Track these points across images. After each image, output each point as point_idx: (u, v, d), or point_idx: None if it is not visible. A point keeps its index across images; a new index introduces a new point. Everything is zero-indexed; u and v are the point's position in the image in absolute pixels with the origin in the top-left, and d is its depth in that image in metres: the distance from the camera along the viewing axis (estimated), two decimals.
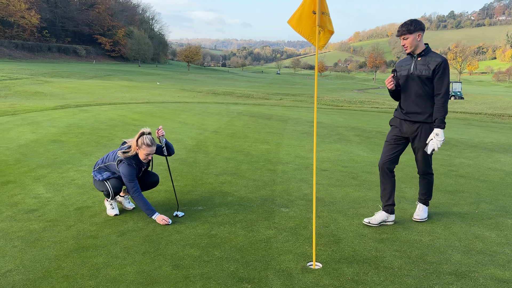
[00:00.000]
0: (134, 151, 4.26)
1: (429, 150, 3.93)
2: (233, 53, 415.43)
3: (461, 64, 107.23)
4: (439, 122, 3.87)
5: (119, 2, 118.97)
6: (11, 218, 4.20)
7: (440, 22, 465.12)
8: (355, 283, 3.04)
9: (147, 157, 4.29)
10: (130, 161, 4.26)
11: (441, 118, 3.87)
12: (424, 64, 3.92)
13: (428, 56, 3.94)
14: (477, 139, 10.59)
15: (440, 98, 3.89)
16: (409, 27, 3.86)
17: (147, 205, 4.17)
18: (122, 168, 4.23)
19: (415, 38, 3.90)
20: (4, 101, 19.15)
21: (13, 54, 74.93)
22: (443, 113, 3.87)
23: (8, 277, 3.06)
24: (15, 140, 8.15)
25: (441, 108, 3.88)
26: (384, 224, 4.22)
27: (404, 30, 3.89)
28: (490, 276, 3.18)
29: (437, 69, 3.85)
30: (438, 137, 3.85)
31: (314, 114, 3.67)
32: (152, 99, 23.28)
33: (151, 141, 4.22)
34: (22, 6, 78.98)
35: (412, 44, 3.92)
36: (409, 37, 3.90)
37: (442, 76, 3.86)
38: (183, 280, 3.05)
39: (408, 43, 3.92)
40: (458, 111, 23.50)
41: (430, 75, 3.88)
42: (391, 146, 4.20)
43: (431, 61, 3.89)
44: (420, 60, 3.96)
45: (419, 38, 3.91)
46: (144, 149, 4.21)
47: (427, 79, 3.91)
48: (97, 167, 4.49)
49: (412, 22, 3.89)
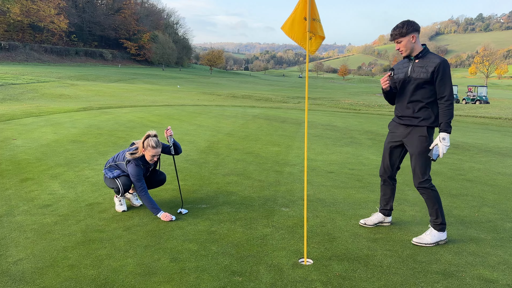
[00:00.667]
0: (140, 152, 4.49)
1: (434, 156, 3.69)
2: (255, 57, 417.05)
3: (488, 68, 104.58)
4: (445, 126, 3.69)
5: (144, 7, 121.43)
6: (26, 212, 4.49)
7: (468, 25, 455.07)
8: (342, 279, 3.16)
9: (153, 158, 4.51)
10: (138, 161, 4.50)
11: (446, 121, 3.69)
12: (422, 66, 3.76)
13: (426, 58, 3.78)
14: (492, 144, 10.45)
15: (445, 101, 3.71)
16: (401, 30, 3.73)
17: (152, 203, 4.40)
18: (130, 168, 4.47)
19: (409, 40, 3.75)
20: (31, 103, 19.93)
21: (42, 58, 77.46)
22: (448, 116, 3.69)
23: (19, 265, 3.31)
24: (37, 140, 8.55)
25: (446, 111, 3.70)
26: (380, 225, 4.30)
27: (396, 34, 3.77)
28: (478, 276, 3.24)
29: (435, 71, 3.69)
30: (445, 142, 3.65)
31: (305, 115, 3.80)
32: (172, 102, 23.75)
33: (156, 143, 4.44)
34: (51, 12, 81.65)
35: (407, 47, 3.78)
36: (402, 40, 3.76)
37: (442, 78, 3.69)
38: (178, 272, 3.23)
39: (402, 46, 3.78)
40: (478, 116, 23.03)
41: (429, 78, 3.72)
42: (388, 153, 4.11)
43: (429, 63, 3.73)
44: (417, 62, 3.81)
45: (414, 40, 3.76)
46: (150, 150, 4.44)
47: (425, 82, 3.75)
48: (108, 165, 4.75)
49: (404, 24, 3.75)
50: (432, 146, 3.73)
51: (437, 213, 3.87)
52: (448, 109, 3.70)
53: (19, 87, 28.05)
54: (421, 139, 3.81)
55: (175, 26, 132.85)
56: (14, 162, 6.61)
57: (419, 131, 3.83)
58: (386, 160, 4.14)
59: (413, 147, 3.85)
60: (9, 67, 51.80)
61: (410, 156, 3.92)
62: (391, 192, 4.22)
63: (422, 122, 3.82)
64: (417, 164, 3.85)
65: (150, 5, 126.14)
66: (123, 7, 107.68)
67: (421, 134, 3.81)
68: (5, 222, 4.19)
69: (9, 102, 21.07)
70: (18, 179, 5.71)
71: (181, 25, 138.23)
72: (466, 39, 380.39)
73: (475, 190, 5.78)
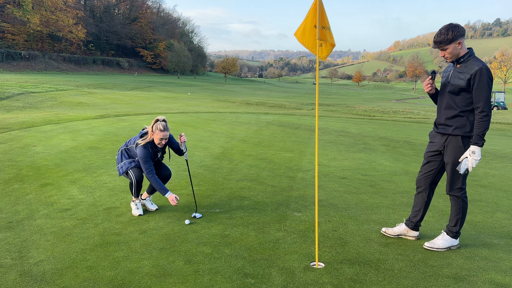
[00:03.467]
0: (150, 136, 4.69)
1: (462, 170, 3.54)
2: (270, 64, 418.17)
3: (506, 74, 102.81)
4: (477, 139, 3.48)
5: (160, 16, 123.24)
6: (46, 216, 4.64)
7: (485, 30, 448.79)
8: (353, 282, 3.20)
9: (161, 141, 4.67)
10: (146, 144, 4.70)
11: (478, 134, 3.48)
12: (462, 72, 3.54)
13: (468, 63, 3.54)
14: (508, 150, 10.32)
15: (479, 112, 3.48)
16: (446, 37, 3.48)
17: (160, 185, 4.63)
18: (138, 150, 4.68)
19: (455, 47, 3.52)
20: (50, 111, 20.41)
21: (60, 67, 79.12)
22: (482, 129, 3.47)
23: (40, 266, 3.44)
24: (56, 146, 8.78)
25: (480, 123, 3.48)
26: (403, 237, 4.11)
27: (441, 41, 3.52)
28: (489, 281, 3.25)
29: (472, 78, 3.46)
30: (474, 156, 3.47)
31: (316, 121, 3.87)
32: (187, 109, 24.02)
33: (163, 127, 4.61)
34: (70, 22, 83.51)
35: (452, 54, 3.56)
36: (448, 48, 3.53)
37: (479, 86, 3.45)
38: (193, 274, 3.32)
39: (448, 53, 3.56)
40: (494, 122, 22.70)
41: (464, 85, 3.51)
42: (426, 163, 3.94)
43: (468, 70, 3.50)
44: (458, 68, 3.60)
45: (460, 46, 3.52)
46: (158, 133, 4.62)
47: (461, 89, 3.55)
48: (120, 150, 4.97)
49: (449, 29, 3.49)
50: (461, 159, 3.57)
51: (457, 222, 3.82)
52: (482, 121, 3.48)
53: (38, 95, 28.74)
54: (456, 149, 3.65)
55: (190, 34, 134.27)
56: (34, 168, 6.82)
57: (455, 140, 3.66)
58: (423, 170, 3.98)
59: (447, 156, 3.73)
60: (29, 76, 53.06)
61: (445, 164, 3.79)
62: (421, 205, 4.01)
63: (455, 131, 3.64)
64: (451, 173, 3.73)
65: (166, 14, 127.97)
66: (140, 17, 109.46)
67: (457, 144, 3.65)
68: (26, 225, 4.35)
69: (29, 110, 21.62)
70: (38, 184, 5.90)
71: (196, 33, 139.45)
72: (483, 45, 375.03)
73: (489, 195, 5.75)
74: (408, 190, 5.94)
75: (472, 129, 3.59)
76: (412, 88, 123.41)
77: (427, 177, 3.94)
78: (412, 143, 11.01)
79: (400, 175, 6.99)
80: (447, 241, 3.84)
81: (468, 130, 3.60)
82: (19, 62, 70.17)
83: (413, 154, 9.24)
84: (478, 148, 3.49)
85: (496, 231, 4.35)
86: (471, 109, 3.59)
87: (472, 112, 3.59)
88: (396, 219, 4.69)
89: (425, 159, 3.98)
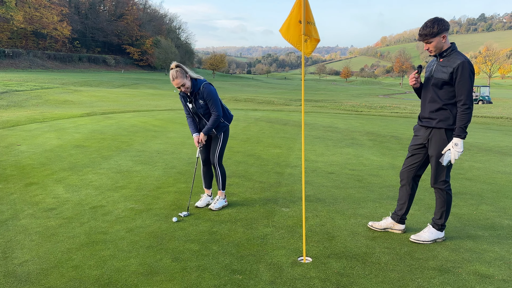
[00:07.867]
0: None
1: (444, 161, 3.61)
2: (258, 60, 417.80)
3: (491, 68, 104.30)
4: (459, 131, 3.56)
5: (147, 12, 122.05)
6: (31, 216, 4.57)
7: (470, 25, 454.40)
8: (340, 276, 3.22)
9: (180, 88, 4.61)
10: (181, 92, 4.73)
11: (460, 126, 3.55)
12: (445, 66, 3.61)
13: (451, 57, 3.61)
14: (493, 143, 10.48)
15: (461, 105, 3.55)
16: (432, 30, 3.54)
17: (190, 126, 4.92)
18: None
19: (439, 40, 3.59)
20: (35, 109, 20.11)
21: (45, 65, 77.93)
22: (464, 121, 3.54)
23: (24, 266, 3.39)
24: (41, 145, 8.66)
25: (462, 115, 3.55)
26: (390, 230, 4.16)
27: (426, 34, 3.58)
28: (474, 272, 3.29)
29: (455, 72, 3.53)
30: (457, 148, 3.54)
31: (302, 116, 3.87)
32: (174, 106, 23.86)
33: (172, 76, 4.54)
34: (54, 18, 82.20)
35: (436, 47, 3.62)
36: (433, 41, 3.59)
37: (461, 79, 3.51)
38: (180, 271, 3.30)
39: (432, 46, 3.63)
40: (479, 116, 23.02)
41: (447, 79, 3.57)
42: (410, 156, 3.99)
43: (451, 64, 3.57)
44: (441, 61, 3.67)
45: (444, 40, 3.60)
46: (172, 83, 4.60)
47: (444, 83, 3.61)
48: None
49: (434, 23, 3.55)
50: (444, 151, 3.64)
51: (442, 214, 3.87)
52: (464, 114, 3.55)
53: (23, 94, 28.26)
54: (440, 142, 3.71)
55: (177, 31, 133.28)
56: (18, 168, 6.72)
57: (439, 133, 3.72)
58: (406, 163, 4.04)
59: (431, 149, 3.78)
60: (13, 74, 52.17)
61: (430, 157, 3.84)
62: (406, 198, 4.05)
63: (439, 124, 3.70)
64: (435, 166, 3.79)
65: (152, 11, 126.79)
66: (126, 13, 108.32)
67: (441, 137, 3.70)
68: (10, 225, 4.28)
69: (14, 109, 21.26)
70: (22, 184, 5.81)
71: (183, 29, 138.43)
72: (469, 39, 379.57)
73: (474, 188, 5.83)
74: (394, 184, 5.99)
75: (455, 122, 3.64)
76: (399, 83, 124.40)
77: (410, 170, 4.00)
78: (399, 137, 11.11)
79: (387, 169, 7.05)
80: (432, 234, 3.89)
81: (451, 123, 3.66)
82: (3, 60, 68.88)
83: (400, 148, 9.33)
84: (461, 140, 3.56)
85: (480, 223, 4.42)
86: (454, 102, 3.65)
87: (455, 105, 3.65)
88: (382, 213, 4.73)
89: (409, 152, 4.03)
